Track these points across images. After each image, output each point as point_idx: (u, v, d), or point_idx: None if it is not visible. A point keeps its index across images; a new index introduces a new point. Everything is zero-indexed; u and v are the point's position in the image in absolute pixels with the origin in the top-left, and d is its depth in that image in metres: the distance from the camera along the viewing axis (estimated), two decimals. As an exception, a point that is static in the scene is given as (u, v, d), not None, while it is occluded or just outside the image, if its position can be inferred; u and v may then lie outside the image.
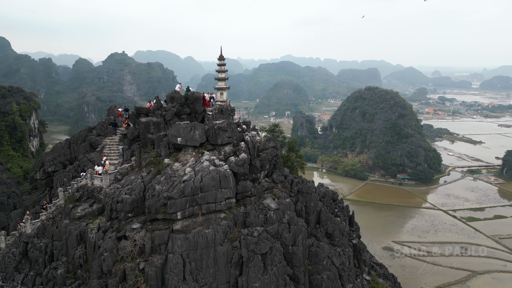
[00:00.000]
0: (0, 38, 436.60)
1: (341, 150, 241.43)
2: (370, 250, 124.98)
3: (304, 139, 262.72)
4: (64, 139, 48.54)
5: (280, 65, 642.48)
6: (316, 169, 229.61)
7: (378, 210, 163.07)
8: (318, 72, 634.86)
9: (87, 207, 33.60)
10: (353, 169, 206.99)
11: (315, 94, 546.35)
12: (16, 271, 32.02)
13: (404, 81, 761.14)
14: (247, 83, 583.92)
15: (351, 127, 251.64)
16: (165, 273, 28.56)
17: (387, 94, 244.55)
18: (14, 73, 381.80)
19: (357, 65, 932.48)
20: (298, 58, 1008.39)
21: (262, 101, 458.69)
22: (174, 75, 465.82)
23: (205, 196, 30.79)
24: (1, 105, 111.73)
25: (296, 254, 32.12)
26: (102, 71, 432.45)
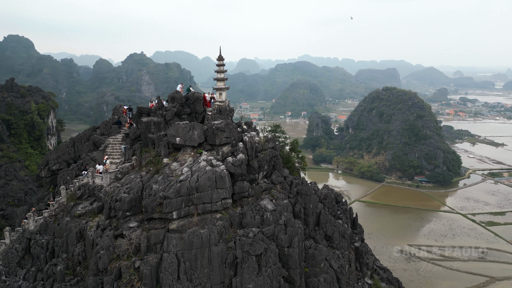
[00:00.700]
0: (24, 39, 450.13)
1: (357, 151, 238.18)
2: (384, 253, 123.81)
3: (319, 140, 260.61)
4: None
5: (297, 65, 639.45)
6: (331, 170, 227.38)
7: (394, 212, 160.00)
8: (336, 72, 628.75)
9: (87, 205, 34.04)
10: (369, 171, 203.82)
11: (332, 95, 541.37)
12: (19, 266, 32.69)
13: (424, 82, 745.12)
14: (263, 83, 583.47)
15: (367, 128, 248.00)
16: (159, 272, 28.57)
17: (405, 94, 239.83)
18: (37, 73, 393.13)
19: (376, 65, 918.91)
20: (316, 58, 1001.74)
21: (278, 101, 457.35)
22: (192, 75, 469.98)
23: (201, 196, 30.73)
24: (20, 104, 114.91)
25: (292, 256, 31.67)
26: (121, 71, 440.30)
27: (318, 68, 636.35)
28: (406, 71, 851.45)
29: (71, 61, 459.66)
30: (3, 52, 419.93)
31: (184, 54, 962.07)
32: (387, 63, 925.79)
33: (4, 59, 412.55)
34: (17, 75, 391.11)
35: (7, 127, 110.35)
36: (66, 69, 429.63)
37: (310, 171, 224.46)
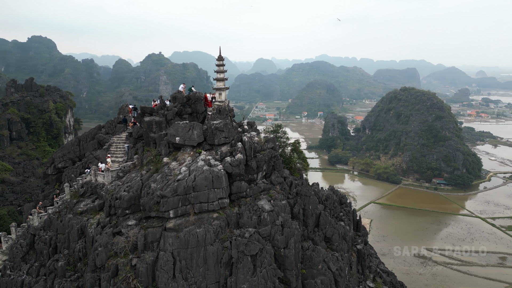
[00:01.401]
0: (47, 40, 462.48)
1: (373, 153, 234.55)
2: (399, 256, 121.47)
3: (335, 140, 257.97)
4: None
5: (313, 65, 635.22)
6: (347, 171, 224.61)
7: (411, 215, 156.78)
8: (353, 72, 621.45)
9: (89, 203, 34.52)
10: (386, 172, 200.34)
11: (349, 95, 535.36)
12: (23, 261, 33.41)
13: (445, 82, 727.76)
14: (279, 83, 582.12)
15: (384, 129, 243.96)
16: (155, 270, 28.73)
17: (423, 95, 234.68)
18: (59, 73, 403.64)
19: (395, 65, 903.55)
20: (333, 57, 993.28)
21: (294, 101, 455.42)
22: (208, 75, 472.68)
23: (197, 196, 30.76)
24: (39, 103, 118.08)
25: (288, 257, 31.33)
26: (140, 71, 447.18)
27: (335, 68, 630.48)
28: (427, 71, 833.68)
29: (91, 61, 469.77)
30: (27, 53, 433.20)
31: (202, 54, 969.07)
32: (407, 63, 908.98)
33: (28, 59, 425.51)
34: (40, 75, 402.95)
35: (26, 126, 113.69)
36: (86, 69, 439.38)
37: (325, 172, 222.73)
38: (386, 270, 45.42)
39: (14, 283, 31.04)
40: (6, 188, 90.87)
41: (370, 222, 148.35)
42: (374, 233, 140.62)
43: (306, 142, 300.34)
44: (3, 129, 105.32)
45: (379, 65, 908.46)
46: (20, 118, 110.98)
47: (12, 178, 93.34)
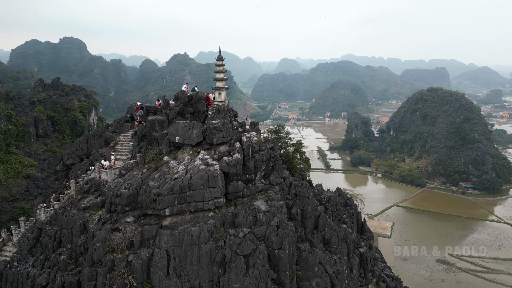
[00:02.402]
0: (78, 41, 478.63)
1: (398, 154, 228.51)
2: (421, 261, 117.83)
3: (358, 142, 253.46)
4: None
5: (338, 65, 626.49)
6: (370, 173, 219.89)
7: (435, 219, 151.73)
8: (379, 72, 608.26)
9: (92, 199, 35.24)
10: (410, 175, 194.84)
11: (375, 95, 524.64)
12: (30, 254, 34.51)
13: (477, 82, 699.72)
14: (303, 83, 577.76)
15: (410, 130, 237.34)
16: (150, 267, 28.94)
17: (451, 95, 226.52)
18: (88, 73, 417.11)
19: (424, 64, 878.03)
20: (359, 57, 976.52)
21: (318, 102, 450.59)
22: (232, 75, 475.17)
23: (193, 195, 30.81)
24: (64, 102, 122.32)
25: (282, 258, 30.89)
26: (165, 71, 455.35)
27: (360, 68, 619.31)
28: (457, 71, 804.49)
29: (119, 61, 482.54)
30: (59, 53, 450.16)
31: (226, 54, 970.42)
32: (436, 62, 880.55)
33: (60, 59, 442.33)
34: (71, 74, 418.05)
35: (52, 123, 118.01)
36: (115, 69, 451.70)
37: (347, 174, 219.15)
38: (391, 275, 43.87)
39: (20, 275, 32.12)
40: (31, 183, 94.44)
41: (392, 226, 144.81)
42: (395, 237, 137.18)
43: (329, 142, 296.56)
44: (30, 127, 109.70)
45: (407, 64, 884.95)
46: (46, 116, 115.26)
47: (37, 174, 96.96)
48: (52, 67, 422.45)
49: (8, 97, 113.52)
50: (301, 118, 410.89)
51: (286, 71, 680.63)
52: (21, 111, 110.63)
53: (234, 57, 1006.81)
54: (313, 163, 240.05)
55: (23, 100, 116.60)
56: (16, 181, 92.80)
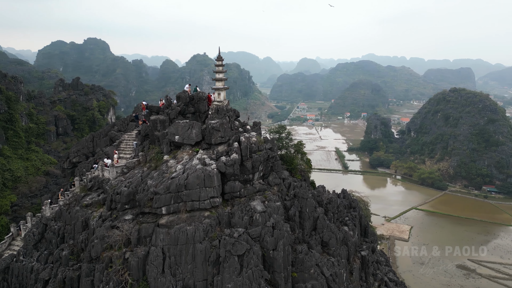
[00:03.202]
0: (101, 42, 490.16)
1: (418, 156, 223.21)
2: (440, 266, 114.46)
3: (377, 143, 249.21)
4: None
5: (359, 65, 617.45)
6: (389, 175, 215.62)
7: (456, 224, 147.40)
8: (401, 71, 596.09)
9: (95, 197, 35.87)
10: (431, 178, 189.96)
11: (396, 95, 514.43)
12: (35, 249, 35.40)
13: (504, 83, 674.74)
14: (322, 83, 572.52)
15: (431, 132, 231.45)
16: (146, 265, 29.26)
17: (475, 96, 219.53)
18: (111, 73, 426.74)
19: (448, 64, 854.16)
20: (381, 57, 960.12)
21: (337, 102, 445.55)
22: (250, 76, 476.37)
23: (189, 194, 31.01)
24: (84, 101, 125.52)
25: (276, 259, 30.62)
26: (185, 72, 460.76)
27: (382, 68, 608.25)
28: (483, 71, 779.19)
29: (140, 62, 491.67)
30: (83, 54, 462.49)
31: (246, 54, 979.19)
32: (461, 62, 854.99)
33: (83, 59, 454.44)
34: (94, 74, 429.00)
35: (71, 122, 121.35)
36: (136, 69, 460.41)
37: (366, 175, 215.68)
38: (395, 279, 42.70)
39: (25, 269, 33.05)
40: (50, 180, 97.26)
41: (410, 229, 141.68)
42: (413, 240, 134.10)
43: (347, 143, 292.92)
44: (50, 125, 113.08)
45: (431, 64, 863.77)
46: (66, 115, 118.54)
47: (56, 171, 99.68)
48: (76, 67, 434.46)
49: (30, 96, 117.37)
50: (320, 118, 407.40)
51: (306, 71, 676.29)
52: (42, 110, 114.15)
53: (253, 57, 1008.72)
54: (331, 164, 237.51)
55: (44, 99, 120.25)
56: (36, 178, 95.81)
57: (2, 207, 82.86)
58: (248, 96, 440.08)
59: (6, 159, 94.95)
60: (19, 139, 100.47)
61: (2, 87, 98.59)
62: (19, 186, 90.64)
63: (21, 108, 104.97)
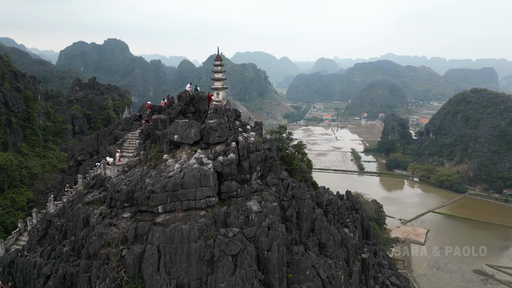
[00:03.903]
0: (120, 42, 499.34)
1: (437, 158, 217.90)
2: (456, 271, 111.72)
3: (394, 144, 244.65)
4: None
5: (377, 65, 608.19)
6: (406, 177, 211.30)
7: (474, 228, 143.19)
8: (421, 71, 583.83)
9: (96, 194, 36.37)
10: (449, 180, 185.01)
11: (415, 96, 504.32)
12: (39, 244, 36.18)
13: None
14: (340, 83, 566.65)
15: (450, 133, 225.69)
16: (142, 262, 29.46)
17: (496, 97, 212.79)
18: (130, 73, 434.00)
19: (471, 64, 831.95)
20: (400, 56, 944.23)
21: (354, 102, 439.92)
22: (266, 75, 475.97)
23: (185, 193, 31.12)
24: (99, 100, 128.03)
25: (270, 260, 30.34)
26: (202, 72, 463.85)
27: (401, 68, 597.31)
28: (507, 71, 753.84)
29: (158, 62, 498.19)
30: (103, 54, 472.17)
31: (263, 54, 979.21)
32: (484, 62, 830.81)
33: (104, 60, 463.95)
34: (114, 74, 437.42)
35: (88, 121, 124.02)
36: (154, 69, 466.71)
37: (382, 177, 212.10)
38: (397, 283, 41.56)
39: (28, 263, 33.80)
40: (66, 177, 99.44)
41: (427, 233, 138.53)
42: (430, 244, 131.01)
43: (364, 144, 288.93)
44: (67, 124, 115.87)
45: (452, 64, 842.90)
46: (82, 114, 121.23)
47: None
48: (96, 68, 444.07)
49: (48, 95, 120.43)
50: (336, 118, 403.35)
51: (323, 71, 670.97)
52: (59, 109, 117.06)
53: (270, 57, 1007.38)
54: (346, 165, 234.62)
55: (62, 98, 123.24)
56: (52, 175, 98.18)
57: (19, 203, 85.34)
58: (264, 96, 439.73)
59: (24, 156, 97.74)
60: (36, 137, 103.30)
61: (20, 87, 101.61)
62: (35, 183, 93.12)
63: (39, 107, 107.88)
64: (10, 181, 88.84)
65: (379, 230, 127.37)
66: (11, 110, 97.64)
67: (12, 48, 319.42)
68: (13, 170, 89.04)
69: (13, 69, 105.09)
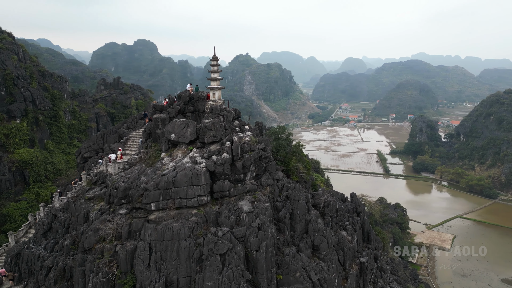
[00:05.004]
0: (150, 43, 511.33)
1: (467, 162, 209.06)
2: (483, 279, 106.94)
3: (422, 146, 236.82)
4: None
5: (407, 64, 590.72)
6: (433, 180, 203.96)
7: (504, 235, 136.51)
8: (454, 71, 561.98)
9: (97, 190, 37.25)
10: (480, 185, 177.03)
11: (447, 97, 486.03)
12: (44, 237, 37.44)
13: None
14: (367, 83, 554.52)
15: (482, 136, 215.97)
16: (134, 258, 29.91)
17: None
18: (158, 73, 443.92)
19: (508, 64, 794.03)
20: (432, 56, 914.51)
21: (382, 103, 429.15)
22: (292, 75, 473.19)
23: (177, 191, 31.37)
24: (123, 99, 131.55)
25: (259, 260, 30.08)
26: (228, 72, 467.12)
27: (432, 67, 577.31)
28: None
29: (186, 62, 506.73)
30: (133, 55, 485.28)
31: (290, 54, 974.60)
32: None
33: (133, 60, 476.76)
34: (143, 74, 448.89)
35: (111, 119, 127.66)
36: (181, 69, 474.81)
37: (408, 180, 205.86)
38: None
39: (33, 255, 35.05)
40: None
41: (453, 239, 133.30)
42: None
43: (390, 146, 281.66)
44: (91, 122, 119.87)
45: (488, 64, 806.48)
46: (106, 112, 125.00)
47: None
48: (126, 68, 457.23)
49: (74, 94, 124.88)
50: (363, 119, 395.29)
51: (350, 70, 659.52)
52: (85, 108, 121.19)
53: (297, 56, 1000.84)
54: (371, 167, 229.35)
55: (87, 97, 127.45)
56: (75, 171, 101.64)
57: (43, 197, 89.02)
58: (288, 96, 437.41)
59: (50, 152, 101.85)
60: (62, 135, 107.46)
61: (48, 86, 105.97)
62: (59, 178, 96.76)
63: (65, 105, 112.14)
64: (36, 176, 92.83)
65: (402, 234, 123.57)
66: (38, 108, 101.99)
67: (47, 49, 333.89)
68: (39, 166, 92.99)
69: (41, 69, 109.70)
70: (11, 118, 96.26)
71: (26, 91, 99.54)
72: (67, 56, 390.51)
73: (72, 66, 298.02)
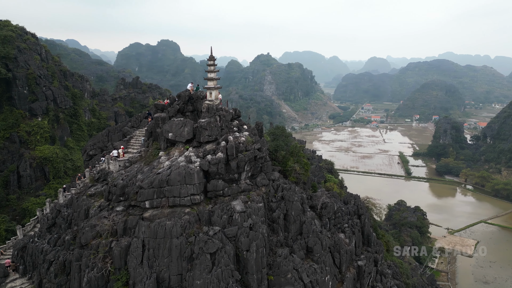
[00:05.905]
0: (172, 43, 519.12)
1: (493, 165, 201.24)
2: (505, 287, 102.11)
3: (446, 148, 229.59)
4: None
5: (432, 64, 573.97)
6: (457, 184, 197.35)
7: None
8: (482, 71, 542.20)
9: (99, 187, 37.83)
10: (506, 189, 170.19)
11: (475, 98, 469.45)
12: (48, 232, 38.41)
13: None
14: (391, 83, 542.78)
15: (510, 138, 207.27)
16: (127, 255, 30.41)
17: None
18: (180, 72, 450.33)
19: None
20: (460, 56, 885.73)
21: (406, 103, 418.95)
22: (313, 75, 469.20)
23: (171, 190, 31.67)
24: (141, 99, 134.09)
25: (249, 260, 30.01)
26: (248, 71, 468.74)
27: (459, 67, 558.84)
28: None
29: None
30: (156, 55, 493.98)
31: (312, 54, 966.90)
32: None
33: (157, 60, 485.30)
34: (165, 74, 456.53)
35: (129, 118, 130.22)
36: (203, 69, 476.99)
37: (431, 183, 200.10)
38: None
39: (37, 249, 36.01)
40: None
41: (476, 244, 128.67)
42: (478, 257, 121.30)
43: (413, 148, 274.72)
44: (110, 120, 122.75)
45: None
46: (125, 111, 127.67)
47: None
48: (149, 67, 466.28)
49: (94, 93, 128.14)
50: (385, 120, 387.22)
51: (374, 70, 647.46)
52: (104, 106, 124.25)
53: (319, 56, 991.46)
54: (392, 169, 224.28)
55: (107, 96, 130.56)
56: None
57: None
58: (309, 96, 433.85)
59: (69, 150, 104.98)
60: (81, 132, 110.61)
61: (69, 85, 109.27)
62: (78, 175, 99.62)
63: (85, 104, 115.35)
64: (55, 172, 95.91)
65: (421, 238, 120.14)
66: (59, 107, 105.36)
67: (74, 49, 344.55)
68: (58, 162, 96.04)
69: (62, 68, 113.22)
70: (33, 116, 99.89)
71: (48, 90, 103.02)
72: (93, 56, 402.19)
73: (98, 66, 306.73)
